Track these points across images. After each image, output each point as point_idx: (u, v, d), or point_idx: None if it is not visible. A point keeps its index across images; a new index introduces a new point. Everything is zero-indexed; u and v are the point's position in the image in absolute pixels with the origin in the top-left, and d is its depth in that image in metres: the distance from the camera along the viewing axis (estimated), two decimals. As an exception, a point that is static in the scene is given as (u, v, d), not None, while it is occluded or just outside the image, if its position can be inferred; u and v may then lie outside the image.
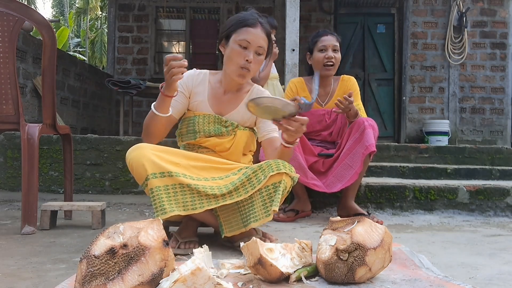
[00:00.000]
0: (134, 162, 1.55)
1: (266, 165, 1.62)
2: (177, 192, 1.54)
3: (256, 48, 1.73)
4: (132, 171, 1.57)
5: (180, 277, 0.93)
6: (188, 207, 1.53)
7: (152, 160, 1.54)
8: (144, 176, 1.53)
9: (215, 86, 1.84)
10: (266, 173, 1.58)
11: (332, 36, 2.56)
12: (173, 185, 1.54)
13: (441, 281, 1.16)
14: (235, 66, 1.73)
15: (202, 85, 1.83)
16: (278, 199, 1.56)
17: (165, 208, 1.49)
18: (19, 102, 2.07)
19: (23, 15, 2.06)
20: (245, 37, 1.71)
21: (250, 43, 1.71)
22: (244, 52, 1.71)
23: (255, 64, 1.75)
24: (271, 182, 1.58)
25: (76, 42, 21.92)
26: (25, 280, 1.24)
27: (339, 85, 2.63)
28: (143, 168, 1.53)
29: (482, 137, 6.62)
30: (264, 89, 1.94)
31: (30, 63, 4.75)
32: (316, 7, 7.15)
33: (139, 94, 5.41)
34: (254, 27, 1.73)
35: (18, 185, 3.30)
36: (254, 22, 1.74)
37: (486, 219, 2.65)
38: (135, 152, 1.56)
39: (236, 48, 1.72)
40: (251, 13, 1.78)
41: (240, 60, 1.71)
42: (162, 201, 1.50)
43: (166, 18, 7.56)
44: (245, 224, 1.60)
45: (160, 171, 1.53)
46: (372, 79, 7.08)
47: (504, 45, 6.62)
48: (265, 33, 1.75)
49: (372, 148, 2.28)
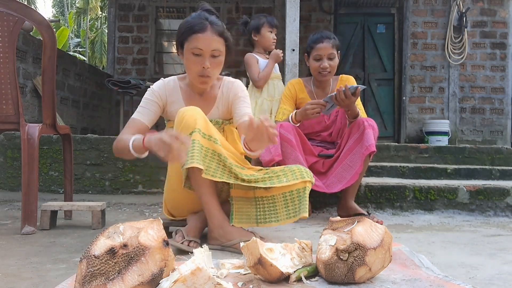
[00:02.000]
0: (188, 113, 1.62)
1: (289, 171, 1.70)
2: (207, 155, 1.60)
3: (210, 53, 1.70)
4: (181, 120, 1.62)
5: (180, 277, 0.93)
6: (210, 171, 1.59)
7: (204, 120, 1.65)
8: (192, 128, 1.59)
9: (187, 90, 1.86)
10: (290, 179, 1.67)
11: (328, 43, 2.49)
12: (207, 148, 1.61)
13: (441, 281, 1.16)
14: (194, 74, 1.74)
15: (175, 92, 1.84)
16: (306, 205, 1.67)
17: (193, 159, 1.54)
18: (19, 102, 2.07)
19: (23, 15, 2.06)
20: (196, 45, 1.69)
21: (203, 49, 1.69)
22: (199, 60, 1.70)
23: (214, 68, 1.73)
24: (295, 188, 1.68)
25: (76, 42, 21.92)
26: (25, 280, 1.24)
27: (338, 85, 2.62)
28: (194, 122, 1.60)
29: (482, 137, 6.62)
30: (235, 79, 1.92)
31: (30, 63, 4.75)
32: (316, 7, 7.15)
33: (139, 94, 5.40)
34: (203, 32, 1.69)
35: (18, 185, 3.30)
36: (202, 26, 1.70)
37: (486, 219, 2.65)
38: (191, 110, 1.65)
39: (191, 58, 1.71)
40: (199, 16, 1.74)
41: (197, 69, 1.71)
42: (194, 153, 1.56)
43: (166, 18, 7.56)
44: (259, 221, 1.68)
45: (205, 132, 1.62)
46: (372, 79, 7.08)
47: (504, 45, 6.62)
48: (217, 33, 1.71)
49: (372, 148, 2.28)
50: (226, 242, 1.63)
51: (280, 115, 2.61)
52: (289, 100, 2.65)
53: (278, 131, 2.32)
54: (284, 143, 2.35)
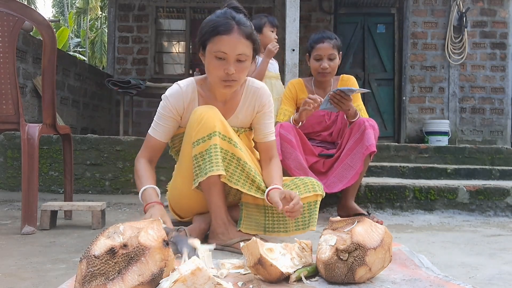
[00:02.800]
0: (206, 114, 1.55)
1: (301, 184, 1.69)
2: (226, 158, 1.57)
3: (235, 57, 1.53)
4: (199, 121, 1.55)
5: (180, 277, 0.93)
6: (227, 175, 1.57)
7: (223, 121, 1.58)
8: (211, 130, 1.53)
9: (206, 95, 1.70)
10: (302, 192, 1.65)
11: (329, 43, 2.48)
12: (226, 151, 1.57)
13: (441, 281, 1.16)
14: (217, 79, 1.57)
15: (193, 101, 1.69)
16: (316, 218, 1.66)
17: (218, 165, 1.51)
18: (19, 102, 2.07)
19: (23, 15, 2.06)
20: (220, 48, 1.51)
21: (227, 53, 1.51)
22: (222, 65, 1.53)
23: (239, 73, 1.56)
24: (307, 201, 1.65)
25: (76, 42, 21.92)
26: (25, 280, 1.24)
27: (339, 85, 2.62)
28: (213, 124, 1.54)
29: (482, 137, 6.62)
30: (260, 85, 1.77)
31: (30, 63, 4.75)
32: (316, 7, 7.15)
33: (139, 94, 5.41)
34: (229, 34, 1.51)
35: (18, 185, 3.30)
36: (228, 27, 1.51)
37: (486, 219, 2.65)
38: (210, 109, 1.58)
39: (213, 61, 1.54)
40: (225, 14, 1.56)
41: (220, 74, 1.55)
42: (218, 159, 1.52)
43: (166, 18, 7.56)
44: (267, 229, 1.68)
45: (225, 134, 1.57)
46: (372, 79, 7.08)
47: (504, 45, 6.62)
48: (244, 36, 1.54)
49: (372, 148, 2.28)
50: (227, 241, 1.63)
51: (281, 115, 2.61)
52: (289, 101, 2.65)
53: (278, 131, 2.32)
54: (284, 143, 2.35)
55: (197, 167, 1.55)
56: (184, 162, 1.69)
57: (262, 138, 1.77)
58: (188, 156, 1.63)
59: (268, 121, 1.77)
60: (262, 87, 1.75)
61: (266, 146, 1.77)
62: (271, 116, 1.78)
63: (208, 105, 1.62)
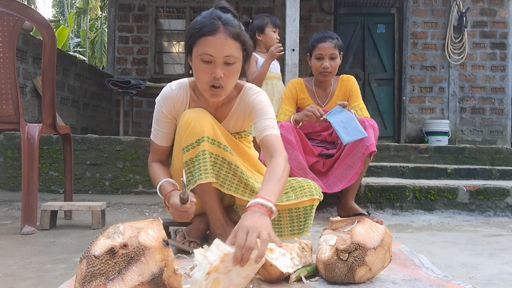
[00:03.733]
0: (194, 119, 1.51)
1: (298, 186, 1.64)
2: (217, 163, 1.53)
3: (223, 59, 1.42)
4: (187, 126, 1.51)
5: (212, 268, 0.96)
6: (219, 180, 1.54)
7: (212, 125, 1.53)
8: (199, 135, 1.50)
9: (197, 100, 1.62)
10: (298, 195, 1.61)
11: (331, 43, 2.49)
12: (216, 155, 1.53)
13: (441, 281, 1.16)
14: (204, 84, 1.47)
15: (184, 104, 1.62)
16: (310, 224, 1.62)
17: (207, 173, 1.49)
18: (19, 102, 2.07)
19: (23, 15, 2.06)
20: (206, 50, 1.41)
21: (213, 55, 1.41)
22: (209, 68, 1.43)
23: (227, 77, 1.45)
24: (303, 206, 1.62)
25: (76, 42, 21.92)
26: (25, 280, 1.24)
27: (339, 85, 2.62)
28: (201, 129, 1.50)
29: (482, 137, 6.62)
30: (258, 91, 1.66)
31: (30, 63, 4.75)
32: (316, 7, 7.14)
33: (139, 94, 5.40)
34: (214, 34, 1.40)
35: (18, 185, 3.30)
36: (213, 27, 1.41)
37: (486, 219, 2.65)
38: (198, 113, 1.53)
39: (200, 65, 1.44)
40: (210, 15, 1.46)
41: (207, 78, 1.44)
42: (206, 165, 1.49)
43: (166, 18, 7.56)
44: None
45: (214, 138, 1.53)
46: (372, 79, 7.08)
47: (504, 45, 6.62)
48: (231, 36, 1.43)
49: (372, 148, 2.28)
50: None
51: (282, 115, 2.61)
52: (290, 101, 2.64)
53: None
54: (284, 143, 2.34)
55: (188, 173, 1.53)
56: (176, 166, 1.66)
57: (259, 135, 1.66)
58: (180, 160, 1.60)
59: (262, 118, 1.62)
60: (259, 94, 1.64)
61: (263, 143, 1.63)
62: (266, 112, 1.62)
63: (197, 108, 1.57)
